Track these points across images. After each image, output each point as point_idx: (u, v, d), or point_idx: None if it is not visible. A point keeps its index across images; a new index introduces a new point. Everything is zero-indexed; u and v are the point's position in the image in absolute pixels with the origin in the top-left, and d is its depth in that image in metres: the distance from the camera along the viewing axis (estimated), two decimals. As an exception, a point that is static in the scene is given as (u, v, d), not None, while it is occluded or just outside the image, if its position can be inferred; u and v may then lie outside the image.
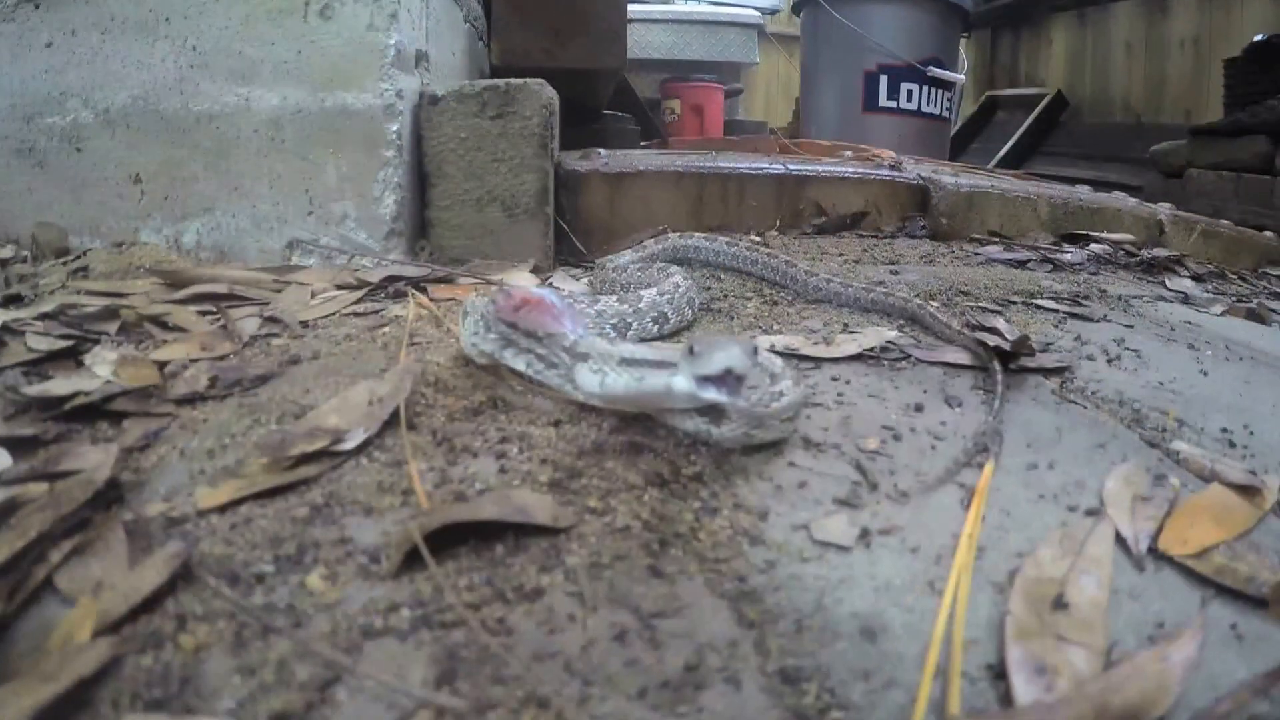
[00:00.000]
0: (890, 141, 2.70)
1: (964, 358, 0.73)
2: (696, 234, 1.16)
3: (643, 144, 1.87)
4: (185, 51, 1.05)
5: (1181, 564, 0.48)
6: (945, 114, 2.83)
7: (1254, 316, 1.07)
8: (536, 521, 0.42)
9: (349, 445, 0.52)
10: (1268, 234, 1.57)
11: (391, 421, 0.55)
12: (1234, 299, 1.17)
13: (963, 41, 2.96)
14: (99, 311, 0.88)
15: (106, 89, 1.07)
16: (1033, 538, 0.48)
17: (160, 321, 0.88)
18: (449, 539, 0.41)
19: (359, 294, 0.96)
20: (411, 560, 0.40)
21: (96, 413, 0.65)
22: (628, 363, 0.48)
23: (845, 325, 0.83)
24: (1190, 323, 1.00)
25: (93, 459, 0.55)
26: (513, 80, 1.08)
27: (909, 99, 2.69)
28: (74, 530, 0.48)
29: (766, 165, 1.36)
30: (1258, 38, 2.27)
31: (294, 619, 0.37)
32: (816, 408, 0.61)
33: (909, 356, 0.73)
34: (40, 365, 0.76)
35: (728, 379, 0.45)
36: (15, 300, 0.95)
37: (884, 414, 0.61)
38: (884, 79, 2.68)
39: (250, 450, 0.54)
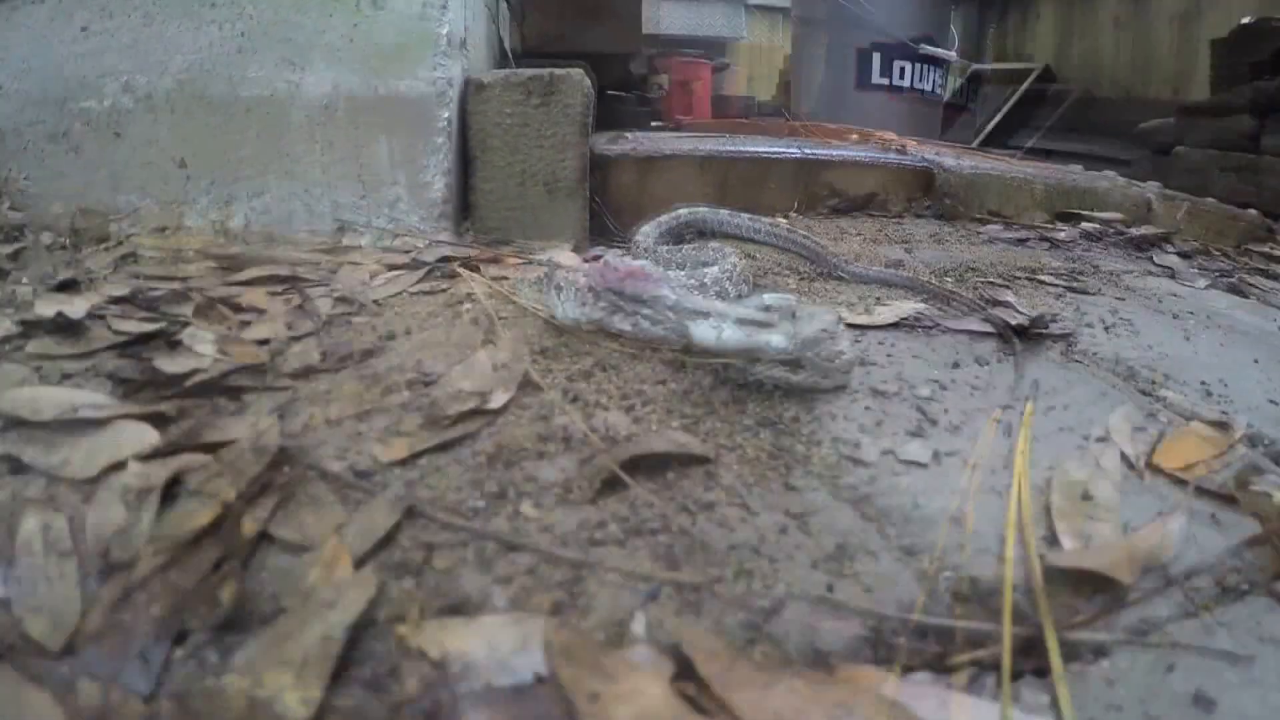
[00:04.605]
0: (883, 118, 2.89)
1: (985, 327, 0.91)
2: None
3: (653, 124, 2.02)
4: (233, 36, 1.16)
5: (1171, 474, 0.67)
6: (937, 90, 3.04)
7: (1235, 290, 1.28)
8: (694, 452, 0.57)
9: (495, 405, 0.66)
10: (1251, 212, 1.80)
11: (522, 384, 0.70)
12: (1217, 274, 1.38)
13: (952, 15, 3.16)
14: (168, 295, 0.96)
15: (148, 73, 1.17)
16: (1058, 456, 0.67)
17: (232, 304, 0.97)
18: (625, 471, 0.56)
19: (418, 274, 1.10)
20: (605, 488, 0.54)
21: (214, 389, 0.73)
22: (741, 321, 0.64)
23: (877, 299, 1.00)
24: (1176, 295, 1.20)
25: (237, 430, 0.63)
26: (555, 70, 1.23)
27: (901, 76, 2.89)
28: (262, 492, 0.55)
29: (785, 149, 1.53)
30: (1245, 20, 2.51)
31: (525, 537, 0.51)
32: (874, 366, 0.78)
33: (938, 325, 0.91)
34: (131, 348, 0.81)
35: (819, 340, 0.62)
36: (70, 286, 1.02)
37: (928, 370, 0.78)
38: (876, 56, 2.87)
39: (398, 414, 0.66)
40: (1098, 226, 1.56)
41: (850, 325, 0.88)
